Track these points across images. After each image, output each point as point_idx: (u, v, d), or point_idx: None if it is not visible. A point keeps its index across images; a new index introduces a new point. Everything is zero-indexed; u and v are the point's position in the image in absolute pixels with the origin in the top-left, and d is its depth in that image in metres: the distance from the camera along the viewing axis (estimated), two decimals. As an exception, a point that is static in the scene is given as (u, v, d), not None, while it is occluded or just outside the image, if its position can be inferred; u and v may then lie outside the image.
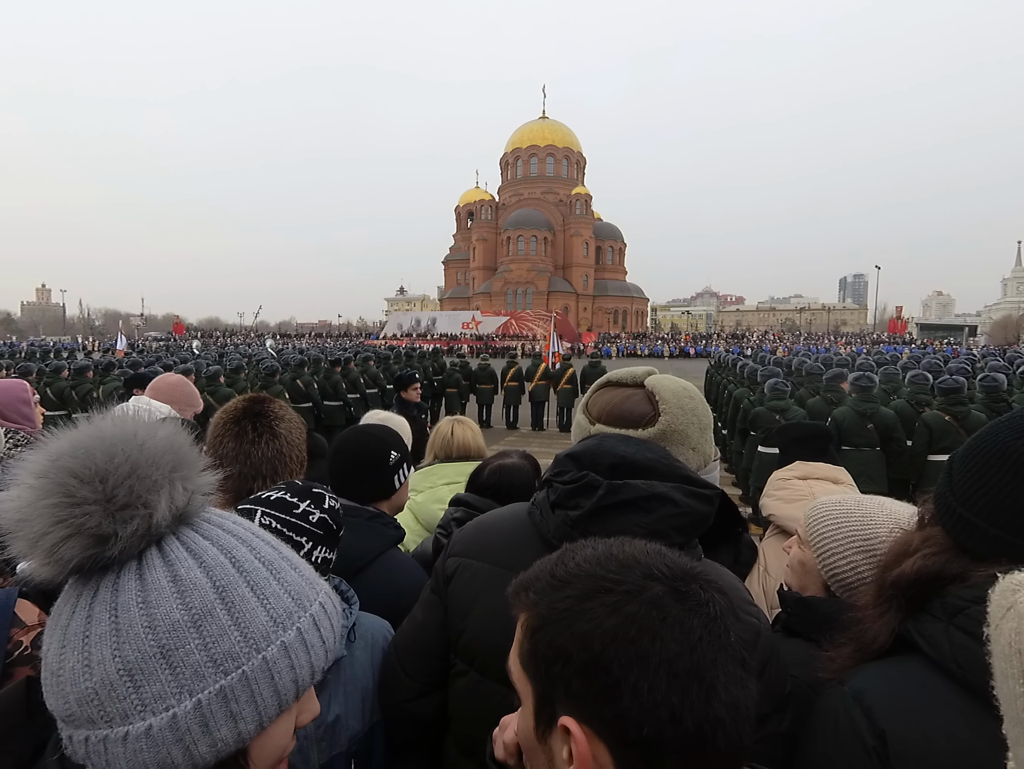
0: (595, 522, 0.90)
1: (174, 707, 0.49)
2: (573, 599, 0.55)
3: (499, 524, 1.07)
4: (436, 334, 54.78)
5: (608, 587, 0.55)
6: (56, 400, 8.35)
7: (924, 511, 0.87)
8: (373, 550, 1.35)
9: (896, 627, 0.80)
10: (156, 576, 0.52)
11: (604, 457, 0.95)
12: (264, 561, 0.57)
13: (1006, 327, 70.29)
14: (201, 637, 0.50)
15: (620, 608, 0.53)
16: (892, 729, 0.72)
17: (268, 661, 0.53)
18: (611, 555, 0.59)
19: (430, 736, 1.09)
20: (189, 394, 2.83)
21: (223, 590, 0.53)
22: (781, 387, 6.09)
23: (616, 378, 1.17)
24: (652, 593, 0.54)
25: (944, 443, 4.93)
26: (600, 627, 0.52)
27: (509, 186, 74.16)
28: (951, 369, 6.78)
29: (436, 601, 1.05)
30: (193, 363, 9.84)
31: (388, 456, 1.48)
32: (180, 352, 20.36)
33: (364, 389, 10.43)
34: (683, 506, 0.91)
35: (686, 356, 48.96)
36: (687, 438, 1.08)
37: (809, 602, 1.10)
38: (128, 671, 0.49)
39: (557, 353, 13.10)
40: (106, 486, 0.52)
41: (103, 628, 0.50)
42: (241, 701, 0.51)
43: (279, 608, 0.55)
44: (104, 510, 0.51)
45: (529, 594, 0.59)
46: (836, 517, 1.12)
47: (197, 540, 0.56)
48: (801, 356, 11.10)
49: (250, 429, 1.49)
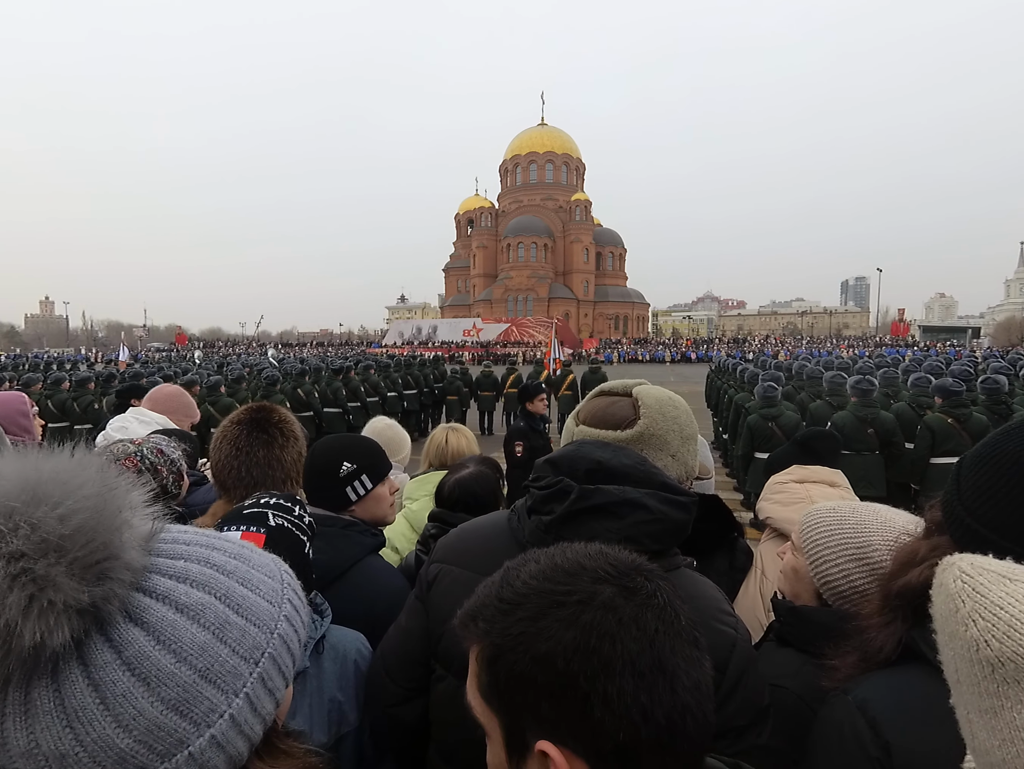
0: (567, 527, 0.91)
1: (228, 710, 0.52)
2: (526, 621, 0.54)
3: (479, 530, 1.09)
4: (437, 342, 54.91)
5: (560, 600, 0.53)
6: (57, 412, 8.37)
7: (931, 518, 0.85)
8: (348, 559, 1.34)
9: (902, 636, 0.79)
10: (159, 615, 0.51)
11: (581, 462, 0.96)
12: (233, 556, 0.60)
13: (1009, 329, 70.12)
14: (228, 645, 0.53)
15: (576, 619, 0.52)
16: (897, 741, 0.71)
17: (282, 636, 0.58)
18: (555, 565, 0.58)
19: (414, 743, 1.10)
20: (186, 404, 2.84)
21: (225, 597, 0.55)
22: (771, 393, 5.97)
23: (608, 388, 1.23)
24: (603, 597, 0.53)
25: (947, 446, 4.92)
26: (560, 644, 0.51)
27: (509, 193, 74.52)
28: (953, 372, 6.75)
29: (419, 608, 1.06)
30: (195, 374, 9.89)
31: (338, 468, 1.43)
32: (182, 363, 20.43)
33: (364, 397, 10.44)
34: (656, 512, 0.91)
35: (687, 361, 48.98)
36: (666, 444, 1.10)
37: (801, 612, 1.09)
38: (172, 708, 0.49)
39: (558, 360, 13.10)
40: (67, 553, 0.47)
41: (123, 687, 0.48)
42: (274, 676, 0.56)
43: (268, 590, 0.59)
44: (77, 578, 0.47)
45: (478, 623, 0.57)
46: (830, 524, 1.11)
47: (172, 564, 0.55)
48: (801, 360, 11.08)
49: (254, 438, 1.51)
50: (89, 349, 56.65)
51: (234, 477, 1.48)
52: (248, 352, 48.01)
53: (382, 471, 1.51)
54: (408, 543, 2.13)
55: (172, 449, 1.82)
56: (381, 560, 1.46)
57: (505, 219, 71.28)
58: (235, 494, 1.49)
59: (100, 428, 2.59)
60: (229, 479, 1.49)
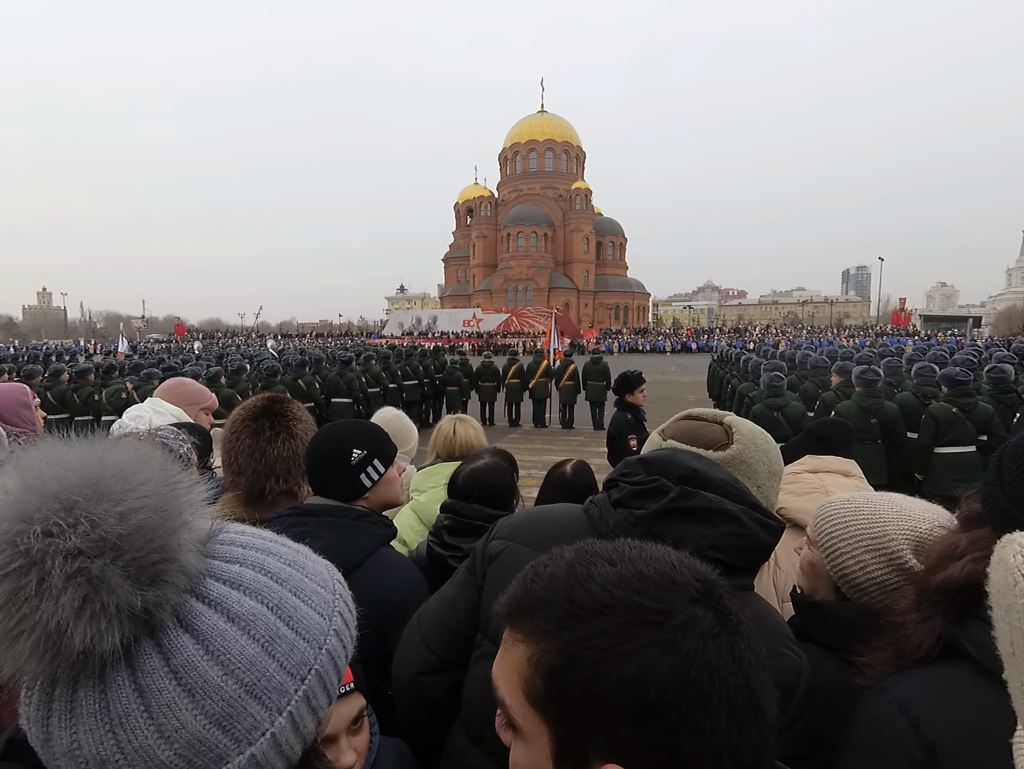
0: (659, 524, 0.90)
1: (270, 728, 0.50)
2: (611, 636, 0.48)
3: (552, 515, 1.08)
4: (437, 332, 54.76)
5: (656, 620, 0.48)
6: (57, 403, 8.34)
7: (969, 510, 0.83)
8: (362, 550, 1.32)
9: (942, 632, 0.76)
10: (210, 622, 0.50)
11: (675, 468, 0.96)
12: (289, 563, 0.57)
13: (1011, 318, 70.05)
14: (276, 660, 0.51)
15: (675, 646, 0.47)
16: (943, 741, 0.69)
17: (330, 651, 0.55)
18: (641, 575, 0.52)
19: (429, 728, 1.08)
20: (190, 392, 2.78)
21: (277, 608, 0.53)
22: (777, 382, 5.96)
23: (697, 413, 1.23)
24: (705, 624, 0.49)
25: (950, 435, 4.91)
26: (655, 670, 0.46)
27: (508, 182, 74.04)
28: (957, 361, 6.73)
29: (470, 580, 1.06)
30: (196, 365, 9.86)
31: (349, 456, 1.40)
32: (181, 354, 20.38)
33: (366, 388, 10.42)
34: (748, 529, 0.91)
35: (688, 351, 48.97)
36: (755, 473, 1.10)
37: (822, 607, 1.07)
38: (215, 722, 0.47)
39: (558, 350, 13.06)
40: (124, 553, 0.46)
41: (168, 696, 0.46)
42: (319, 694, 0.54)
43: (320, 602, 0.56)
44: (132, 580, 0.46)
45: (537, 620, 0.51)
46: (844, 516, 1.09)
47: (227, 568, 0.53)
48: (804, 350, 11.04)
49: (267, 428, 1.51)
50: (88, 340, 56.44)
51: (247, 468, 1.47)
52: (247, 343, 47.95)
53: (391, 453, 1.50)
54: (416, 535, 2.11)
55: (180, 444, 1.80)
56: (394, 551, 1.44)
57: (505, 208, 70.90)
58: (245, 485, 1.48)
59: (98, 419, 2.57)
60: (242, 470, 1.48)
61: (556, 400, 12.48)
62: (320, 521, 1.31)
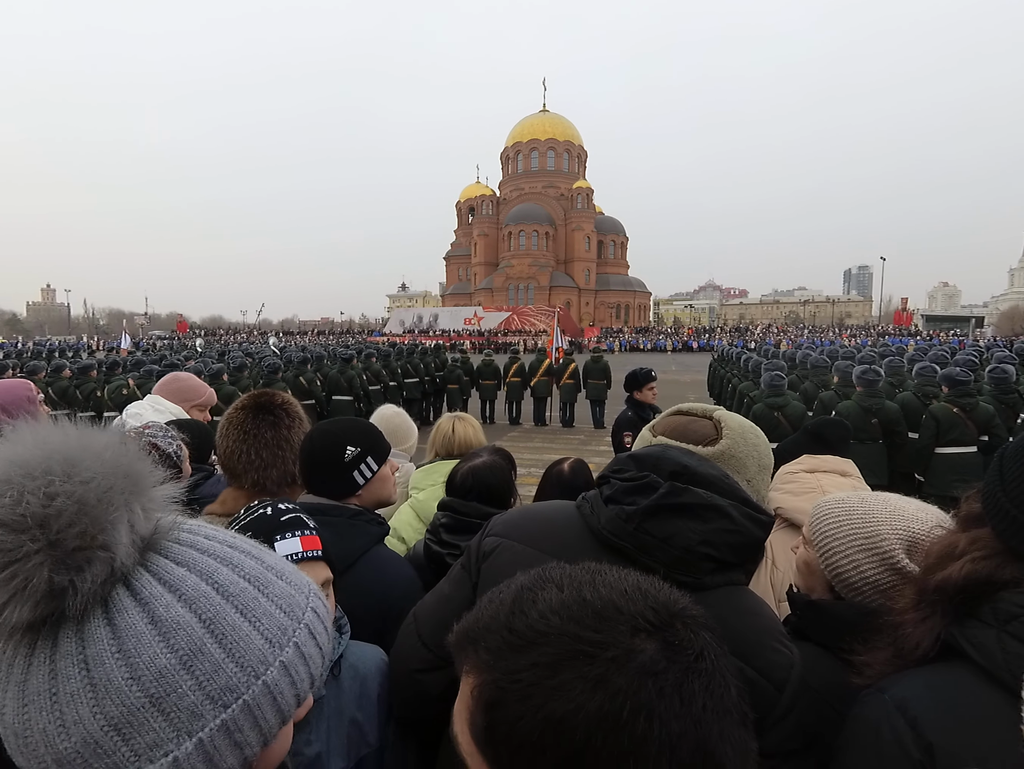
0: (649, 520, 0.90)
1: (173, 751, 0.45)
2: (542, 668, 0.44)
3: (545, 513, 1.08)
4: (438, 330, 54.72)
5: (588, 652, 0.43)
6: (59, 399, 8.36)
7: (968, 511, 0.83)
8: (358, 549, 1.32)
9: (941, 632, 0.76)
10: (130, 620, 0.46)
11: (666, 464, 0.96)
12: (249, 578, 0.53)
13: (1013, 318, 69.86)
14: (194, 677, 0.46)
15: (605, 682, 0.42)
16: (941, 742, 0.68)
17: (269, 684, 0.50)
18: (584, 602, 0.47)
19: (430, 720, 1.08)
20: (187, 388, 2.76)
21: (210, 622, 0.48)
22: (778, 382, 5.94)
23: (686, 408, 1.23)
24: (644, 658, 0.43)
25: (951, 435, 4.90)
26: (582, 709, 0.41)
27: (510, 181, 73.90)
28: (957, 361, 6.71)
29: (465, 577, 1.06)
30: (199, 362, 9.87)
31: (342, 453, 1.39)
32: (183, 351, 20.40)
33: (367, 386, 10.43)
34: (739, 524, 0.91)
35: (689, 350, 48.89)
36: (744, 468, 1.10)
37: (819, 606, 1.07)
38: (114, 726, 0.44)
39: (560, 348, 13.05)
40: (48, 532, 0.45)
41: (74, 685, 0.45)
42: (245, 729, 0.48)
43: (272, 627, 0.51)
44: (52, 560, 0.44)
45: (479, 651, 0.47)
46: (838, 516, 1.10)
47: (171, 569, 0.50)
48: (805, 349, 11.02)
49: (260, 419, 1.51)
50: (91, 337, 56.54)
51: (244, 461, 1.47)
52: (249, 340, 47.96)
53: (384, 451, 1.50)
54: (415, 533, 2.11)
55: (168, 442, 1.80)
56: (388, 549, 1.44)
57: (506, 207, 70.79)
58: (246, 479, 1.49)
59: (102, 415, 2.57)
60: (239, 464, 1.48)
61: (556, 398, 12.49)
62: (315, 520, 1.31)
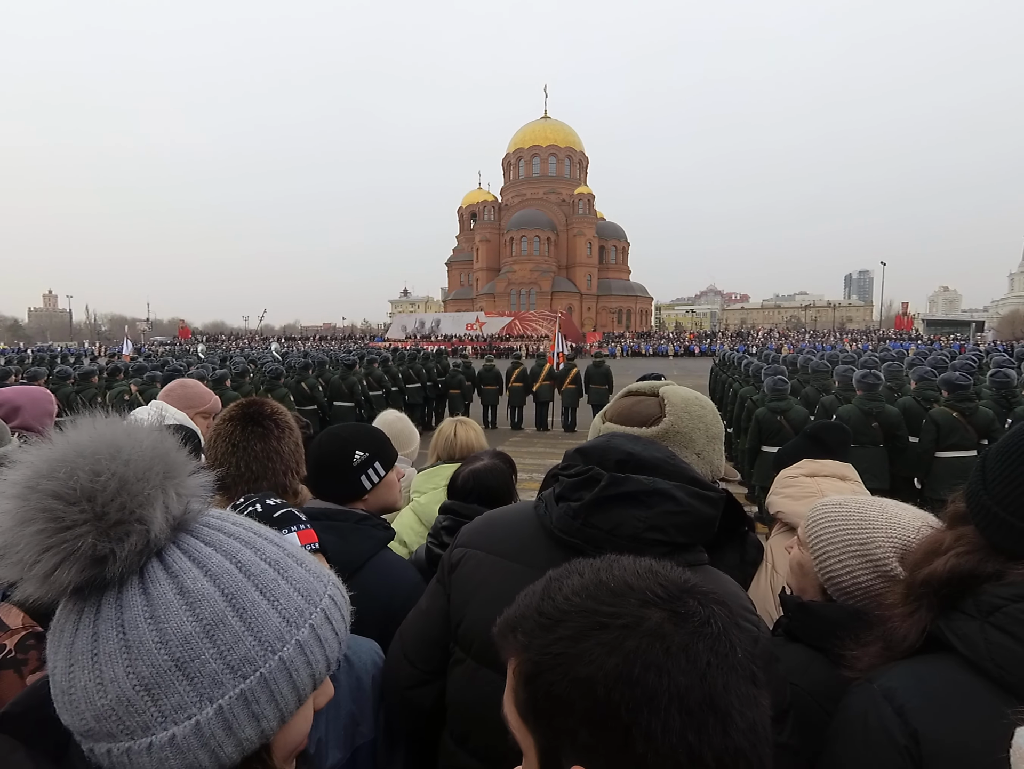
0: (596, 513, 0.91)
1: (196, 715, 0.50)
2: (567, 640, 0.51)
3: (505, 517, 1.10)
4: (440, 335, 54.79)
5: (603, 622, 0.51)
6: (61, 405, 8.38)
7: (954, 510, 0.86)
8: (363, 553, 1.33)
9: (927, 625, 0.78)
10: (162, 590, 0.51)
11: (612, 453, 0.97)
12: (270, 561, 0.57)
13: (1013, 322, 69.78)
14: (216, 646, 0.51)
15: (619, 645, 0.49)
16: (926, 729, 0.71)
17: (285, 661, 0.53)
18: (600, 582, 0.55)
19: (428, 727, 1.10)
20: (193, 395, 2.75)
21: (232, 597, 0.53)
22: (780, 386, 5.96)
23: (636, 388, 1.25)
24: (651, 623, 0.50)
25: (952, 439, 4.91)
26: (601, 669, 0.48)
27: (511, 187, 74.18)
28: (956, 365, 6.72)
29: (440, 590, 1.07)
30: (201, 367, 9.90)
31: (351, 457, 1.41)
32: (186, 356, 20.44)
33: (367, 391, 10.44)
34: (685, 505, 0.91)
35: (691, 355, 48.89)
36: (692, 442, 1.11)
37: (811, 607, 1.08)
38: (144, 686, 0.49)
39: (561, 353, 13.07)
40: (95, 505, 0.50)
41: (112, 646, 0.49)
42: (262, 701, 0.52)
43: (290, 608, 0.55)
44: (96, 530, 0.50)
45: (517, 635, 0.55)
46: (834, 520, 1.10)
47: (199, 547, 0.55)
48: (806, 353, 11.03)
49: (249, 431, 1.49)
50: (92, 343, 56.68)
51: (233, 474, 1.44)
52: (251, 346, 48.02)
53: (392, 457, 1.52)
54: (416, 536, 2.12)
55: None
56: (393, 554, 1.45)
57: (508, 212, 71.01)
58: (235, 492, 1.46)
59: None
60: (228, 476, 1.45)
61: (558, 403, 12.49)
62: (322, 525, 1.31)
